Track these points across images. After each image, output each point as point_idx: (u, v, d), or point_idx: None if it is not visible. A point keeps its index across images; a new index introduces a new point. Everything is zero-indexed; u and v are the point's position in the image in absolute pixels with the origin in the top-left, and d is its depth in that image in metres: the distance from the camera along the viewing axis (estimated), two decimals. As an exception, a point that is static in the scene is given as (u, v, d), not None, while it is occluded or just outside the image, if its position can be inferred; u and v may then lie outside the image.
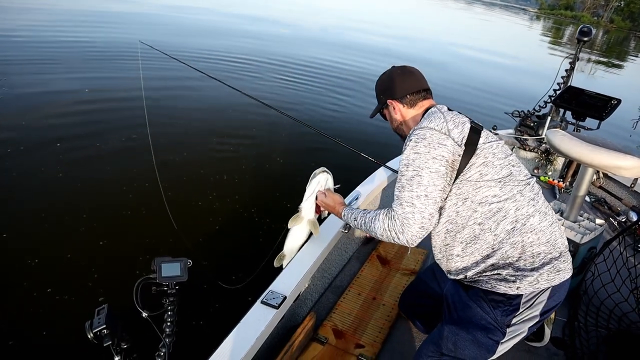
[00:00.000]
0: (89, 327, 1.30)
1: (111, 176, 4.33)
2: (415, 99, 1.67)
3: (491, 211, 1.43)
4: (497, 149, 1.49)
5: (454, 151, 1.42)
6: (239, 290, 2.12)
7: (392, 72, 1.74)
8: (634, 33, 45.61)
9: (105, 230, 3.57)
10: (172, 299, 1.39)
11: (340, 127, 6.57)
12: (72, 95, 6.27)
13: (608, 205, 3.90)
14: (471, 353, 1.54)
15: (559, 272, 1.48)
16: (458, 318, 1.60)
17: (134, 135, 5.17)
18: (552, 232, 1.48)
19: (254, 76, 8.54)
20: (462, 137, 1.44)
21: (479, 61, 15.38)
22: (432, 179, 1.41)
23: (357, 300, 2.42)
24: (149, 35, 10.56)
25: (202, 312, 2.90)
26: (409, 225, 1.44)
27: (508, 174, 1.46)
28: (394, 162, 3.23)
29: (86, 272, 3.10)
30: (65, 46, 8.69)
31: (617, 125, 8.41)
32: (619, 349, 2.25)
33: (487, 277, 1.51)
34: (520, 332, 1.56)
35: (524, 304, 1.49)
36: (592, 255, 2.60)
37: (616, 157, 2.24)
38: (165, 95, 6.71)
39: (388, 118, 1.80)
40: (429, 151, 1.42)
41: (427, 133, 1.44)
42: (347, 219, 1.78)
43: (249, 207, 4.13)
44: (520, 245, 1.44)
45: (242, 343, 1.64)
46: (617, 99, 3.40)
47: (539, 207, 1.48)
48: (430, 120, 1.50)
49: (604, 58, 24.67)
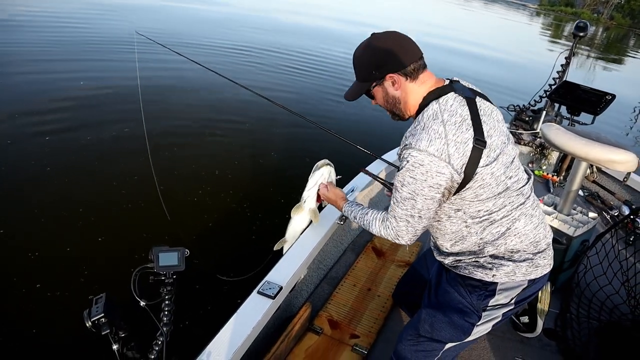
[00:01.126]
0: (87, 315, 1.31)
1: (106, 169, 4.32)
2: (417, 68, 1.43)
3: (481, 219, 1.44)
4: (496, 167, 1.36)
5: (453, 179, 1.33)
6: (235, 280, 2.14)
7: (388, 40, 1.44)
8: (634, 30, 45.70)
9: (101, 223, 3.56)
10: (169, 288, 1.40)
11: (335, 119, 6.57)
12: (66, 86, 6.23)
13: (601, 199, 3.93)
14: (447, 334, 1.57)
15: (537, 268, 1.49)
16: (436, 302, 1.64)
17: (128, 128, 5.15)
18: (535, 234, 1.48)
19: (249, 67, 8.52)
20: (462, 163, 1.31)
21: (475, 56, 15.37)
22: (427, 204, 1.38)
23: (352, 291, 2.44)
24: (146, 25, 10.50)
25: (200, 301, 2.91)
26: (402, 237, 1.49)
27: (504, 189, 1.41)
28: (390, 155, 3.24)
29: (84, 263, 3.11)
30: (60, 36, 8.62)
31: (611, 121, 8.49)
32: (610, 341, 2.28)
33: (465, 264, 1.54)
34: (494, 316, 1.57)
35: (499, 291, 1.51)
36: (584, 248, 2.63)
37: (609, 152, 2.27)
38: (161, 87, 6.67)
39: (380, 96, 1.52)
40: (425, 179, 1.33)
41: (426, 160, 1.30)
42: (347, 215, 1.80)
43: (242, 202, 4.12)
44: (502, 246, 1.46)
45: (238, 332, 1.65)
46: (611, 94, 3.42)
47: (525, 211, 1.46)
48: (429, 138, 1.31)
49: (603, 55, 24.73)
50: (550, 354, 2.25)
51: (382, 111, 1.66)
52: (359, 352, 2.04)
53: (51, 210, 3.63)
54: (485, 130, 1.35)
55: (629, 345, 2.20)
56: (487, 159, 1.34)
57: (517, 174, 1.45)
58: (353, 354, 2.03)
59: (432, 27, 23.44)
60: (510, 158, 1.43)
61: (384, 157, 3.04)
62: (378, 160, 2.98)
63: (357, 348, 2.06)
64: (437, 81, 1.46)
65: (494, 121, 1.42)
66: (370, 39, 1.47)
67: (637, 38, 40.85)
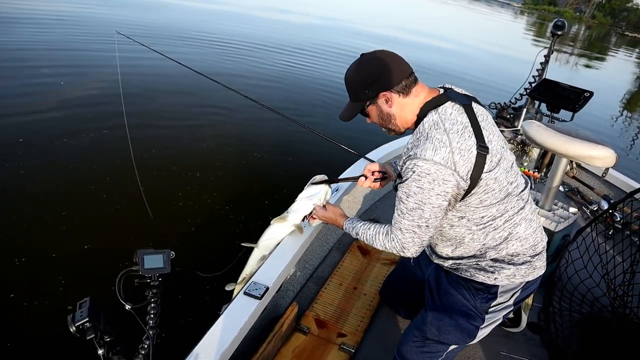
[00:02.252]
0: (71, 320, 1.28)
1: (88, 171, 4.25)
2: (408, 84, 1.44)
3: (484, 225, 1.47)
4: (498, 172, 1.39)
5: (459, 186, 1.35)
6: (222, 282, 2.12)
7: (378, 59, 1.46)
8: (615, 29, 46.62)
9: (84, 226, 3.51)
10: (155, 291, 1.39)
11: (319, 119, 6.57)
12: (46, 87, 6.12)
13: (581, 194, 4.01)
14: (454, 337, 1.62)
15: (534, 270, 1.56)
16: (441, 304, 1.67)
17: (108, 129, 5.07)
18: (534, 238, 1.53)
19: (231, 66, 8.47)
20: (467, 170, 1.33)
21: (457, 54, 15.52)
22: (434, 213, 1.38)
23: (338, 290, 2.45)
24: (127, 24, 10.35)
25: (186, 304, 2.89)
26: (409, 249, 1.48)
27: (506, 195, 1.44)
28: (374, 154, 3.27)
29: (67, 267, 3.07)
30: (38, 35, 8.46)
31: (590, 118, 8.65)
32: (591, 332, 2.33)
33: (466, 266, 1.58)
34: (496, 319, 1.64)
35: (500, 293, 1.56)
36: (566, 242, 2.68)
37: (588, 148, 2.31)
38: (143, 87, 6.59)
39: (375, 114, 1.54)
40: (432, 188, 1.33)
41: (432, 168, 1.31)
42: (348, 232, 1.76)
43: (225, 203, 4.09)
44: (504, 250, 1.50)
45: (225, 334, 1.65)
46: (589, 91, 3.48)
47: (525, 215, 1.50)
48: (434, 147, 1.32)
49: (584, 53, 25.13)
50: (534, 347, 2.28)
51: None
52: (347, 351, 2.05)
53: (32, 215, 3.56)
54: (485, 135, 1.38)
55: (608, 336, 2.25)
56: (490, 164, 1.37)
57: (517, 179, 1.49)
58: (340, 353, 2.04)
59: (413, 24, 23.60)
60: (509, 163, 1.46)
61: (367, 155, 3.06)
62: (362, 159, 3.00)
63: (345, 347, 2.07)
64: (431, 91, 1.47)
65: (491, 126, 1.45)
66: (360, 59, 1.49)
67: (618, 37, 41.66)
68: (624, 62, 24.78)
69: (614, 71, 21.41)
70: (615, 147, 2.38)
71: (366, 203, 3.37)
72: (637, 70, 21.94)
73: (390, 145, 3.49)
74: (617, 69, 22.07)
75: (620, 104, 12.26)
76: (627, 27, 46.25)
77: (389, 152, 3.33)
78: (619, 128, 9.61)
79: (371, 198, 3.45)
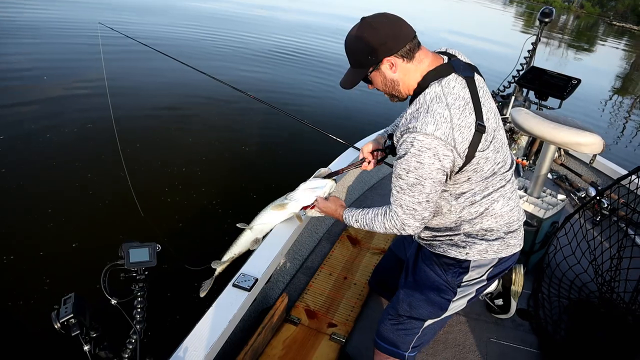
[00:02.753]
0: (56, 317, 1.26)
1: (72, 166, 4.17)
2: (412, 48, 1.38)
3: (464, 198, 1.47)
4: (490, 152, 1.39)
5: (455, 163, 1.35)
6: (210, 274, 2.10)
7: (378, 23, 1.37)
8: (603, 19, 46.84)
9: (68, 221, 3.45)
10: (141, 285, 1.37)
11: (306, 109, 6.51)
12: (27, 82, 5.99)
13: (569, 181, 4.04)
14: (425, 312, 1.64)
15: (507, 247, 1.55)
16: (413, 281, 1.69)
17: (95, 122, 4.98)
18: (510, 216, 1.53)
19: (217, 56, 8.36)
20: (465, 147, 1.33)
21: (445, 43, 15.49)
22: (434, 187, 1.37)
23: (328, 280, 2.45)
24: (109, 16, 10.16)
25: (174, 297, 2.87)
26: (410, 226, 1.46)
27: (492, 174, 1.44)
28: (362, 143, 3.25)
29: (52, 263, 3.02)
30: (18, 27, 8.30)
31: (578, 103, 8.71)
32: (580, 317, 2.35)
33: (439, 242, 1.59)
34: (469, 292, 1.64)
35: (472, 268, 1.57)
36: (554, 229, 2.69)
37: (576, 134, 2.32)
38: (127, 79, 6.48)
39: (379, 81, 1.47)
40: (433, 162, 1.31)
41: (433, 143, 1.29)
42: (348, 222, 1.73)
43: (212, 198, 4.03)
44: (478, 225, 1.50)
45: (215, 326, 1.64)
46: (577, 78, 3.49)
47: (504, 193, 1.50)
48: (436, 122, 1.29)
49: (574, 42, 25.22)
50: (523, 333, 2.30)
51: (354, 101, 1.64)
52: (337, 341, 2.05)
53: (15, 211, 3.51)
54: (484, 113, 1.36)
55: (596, 320, 2.28)
56: (484, 144, 1.36)
57: (505, 159, 1.49)
58: (331, 343, 2.04)
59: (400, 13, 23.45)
60: (500, 143, 1.46)
61: (356, 145, 3.05)
62: (350, 149, 2.98)
63: (335, 337, 2.07)
64: (435, 58, 1.42)
65: (490, 102, 1.43)
66: (362, 24, 1.40)
67: (606, 26, 41.92)
68: (613, 50, 24.94)
69: (603, 60, 21.53)
70: (602, 134, 2.39)
71: (356, 193, 3.37)
72: (625, 59, 22.11)
73: (380, 133, 3.48)
74: (605, 58, 22.18)
75: (608, 92, 12.34)
76: (614, 17, 46.62)
77: (378, 141, 3.32)
78: (607, 115, 9.68)
79: (360, 188, 3.44)
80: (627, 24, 42.40)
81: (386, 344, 1.70)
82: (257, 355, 1.90)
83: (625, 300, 2.21)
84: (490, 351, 2.17)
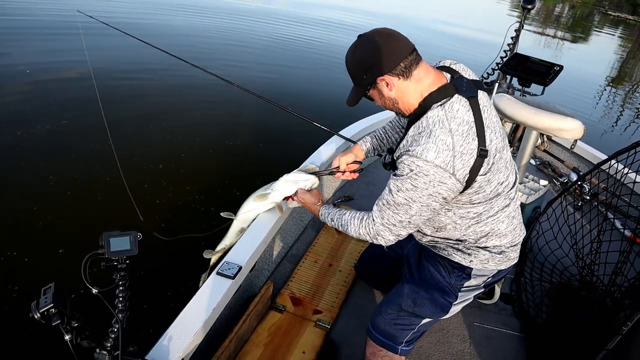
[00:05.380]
0: (35, 307, 1.25)
1: (54, 159, 4.11)
2: (409, 65, 1.34)
3: (469, 219, 1.48)
4: (492, 174, 1.37)
5: (454, 190, 1.32)
6: (194, 263, 2.10)
7: (373, 42, 1.35)
8: (598, 8, 46.94)
9: (48, 212, 3.41)
10: (123, 274, 1.35)
11: (291, 97, 6.44)
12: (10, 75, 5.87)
13: (552, 167, 4.08)
14: (428, 311, 1.66)
15: (508, 260, 1.60)
16: (419, 278, 1.71)
17: (79, 116, 4.89)
18: (514, 235, 1.56)
19: (201, 44, 8.25)
20: (465, 174, 1.30)
21: (428, 29, 15.47)
22: (421, 211, 1.37)
23: (313, 267, 2.45)
24: (90, 2, 9.96)
25: (157, 285, 2.85)
26: (383, 238, 1.48)
27: (495, 195, 1.43)
28: (347, 131, 3.25)
29: (29, 253, 2.99)
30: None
31: (562, 89, 8.79)
32: (561, 300, 2.39)
33: (445, 245, 1.62)
34: (467, 297, 1.71)
35: (474, 275, 1.62)
36: (536, 214, 2.73)
37: (557, 119, 2.34)
38: (111, 70, 6.36)
39: (378, 98, 1.46)
40: (427, 188, 1.30)
41: (432, 170, 1.27)
42: (323, 218, 1.75)
43: (196, 193, 3.98)
44: (483, 243, 1.54)
45: (198, 314, 1.63)
46: (559, 65, 3.51)
47: (509, 213, 1.51)
48: (437, 149, 1.27)
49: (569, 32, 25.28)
50: (506, 317, 2.34)
51: (337, 87, 1.62)
52: (322, 327, 2.06)
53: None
54: (487, 135, 1.33)
55: (577, 303, 2.32)
56: (486, 167, 1.34)
57: (508, 178, 1.46)
58: (316, 329, 2.05)
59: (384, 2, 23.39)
60: (505, 162, 1.43)
61: (341, 132, 3.05)
62: (335, 137, 2.98)
63: (321, 323, 2.08)
64: (436, 76, 1.38)
65: (494, 122, 1.40)
66: (357, 42, 1.39)
67: (601, 16, 42.15)
68: (607, 39, 25.11)
69: (596, 48, 21.67)
70: (584, 119, 2.41)
71: (341, 180, 3.37)
72: (615, 48, 22.29)
73: (365, 121, 3.48)
74: (599, 47, 22.34)
75: (599, 80, 12.43)
76: (609, 7, 46.82)
77: (363, 128, 3.32)
78: (591, 101, 9.77)
79: (349, 184, 3.44)
80: (622, 14, 42.61)
81: (381, 336, 1.72)
82: (242, 342, 1.91)
83: (604, 283, 2.25)
84: (474, 335, 2.21)
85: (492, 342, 2.19)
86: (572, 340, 2.05)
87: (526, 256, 2.71)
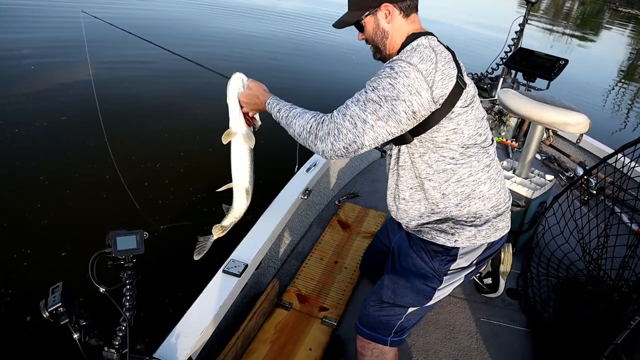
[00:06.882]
0: (44, 306, 1.26)
1: (57, 156, 4.13)
2: (412, 6, 1.40)
3: (445, 171, 1.44)
4: (470, 116, 1.38)
5: (425, 107, 1.28)
6: (200, 261, 2.10)
7: None
8: (608, 5, 46.42)
9: (55, 210, 3.43)
10: (129, 272, 1.36)
11: (291, 95, 6.41)
12: (14, 72, 5.90)
13: (558, 162, 4.07)
14: (409, 299, 1.61)
15: (496, 231, 1.55)
16: (400, 267, 1.67)
17: (81, 111, 4.91)
18: (497, 198, 1.53)
19: (199, 43, 8.25)
20: (442, 94, 1.29)
21: (432, 24, 15.39)
22: (389, 119, 1.28)
23: (319, 264, 2.46)
24: (93, 2, 9.98)
25: (164, 284, 2.86)
26: (335, 139, 1.33)
27: (473, 143, 1.41)
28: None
29: (38, 253, 3.01)
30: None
31: (568, 85, 8.74)
32: (568, 295, 2.39)
33: (428, 228, 1.57)
34: (457, 279, 1.64)
35: (461, 255, 1.56)
36: (542, 209, 2.72)
37: (562, 114, 2.33)
38: (113, 69, 6.39)
39: (370, 28, 1.45)
40: (403, 92, 1.25)
41: (413, 74, 1.25)
42: (270, 108, 1.59)
43: (199, 194, 3.98)
44: (465, 208, 1.49)
45: (205, 312, 1.64)
46: (564, 59, 3.49)
47: (491, 174, 1.49)
48: (422, 57, 1.28)
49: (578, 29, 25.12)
50: (512, 312, 2.33)
51: (338, 87, 1.59)
52: (329, 324, 2.07)
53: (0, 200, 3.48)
54: (465, 79, 1.38)
55: (584, 298, 2.31)
56: (464, 102, 1.35)
57: (486, 133, 1.47)
58: (323, 327, 2.05)
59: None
60: (481, 114, 1.45)
61: None
62: None
63: (327, 320, 2.08)
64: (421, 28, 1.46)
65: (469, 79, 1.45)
66: None
67: (612, 12, 41.75)
68: (617, 36, 24.92)
69: (604, 45, 21.50)
70: (590, 113, 2.40)
71: (345, 177, 3.37)
72: (625, 44, 22.11)
73: None
74: (607, 43, 22.17)
75: (606, 77, 12.35)
76: (620, 3, 46.27)
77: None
78: (597, 96, 9.70)
79: (350, 173, 3.44)
80: (634, 10, 42.12)
81: (368, 329, 1.68)
82: (249, 340, 1.92)
83: (611, 277, 2.24)
84: (480, 330, 2.20)
85: (499, 337, 2.18)
86: (580, 335, 2.04)
87: (532, 251, 2.70)
